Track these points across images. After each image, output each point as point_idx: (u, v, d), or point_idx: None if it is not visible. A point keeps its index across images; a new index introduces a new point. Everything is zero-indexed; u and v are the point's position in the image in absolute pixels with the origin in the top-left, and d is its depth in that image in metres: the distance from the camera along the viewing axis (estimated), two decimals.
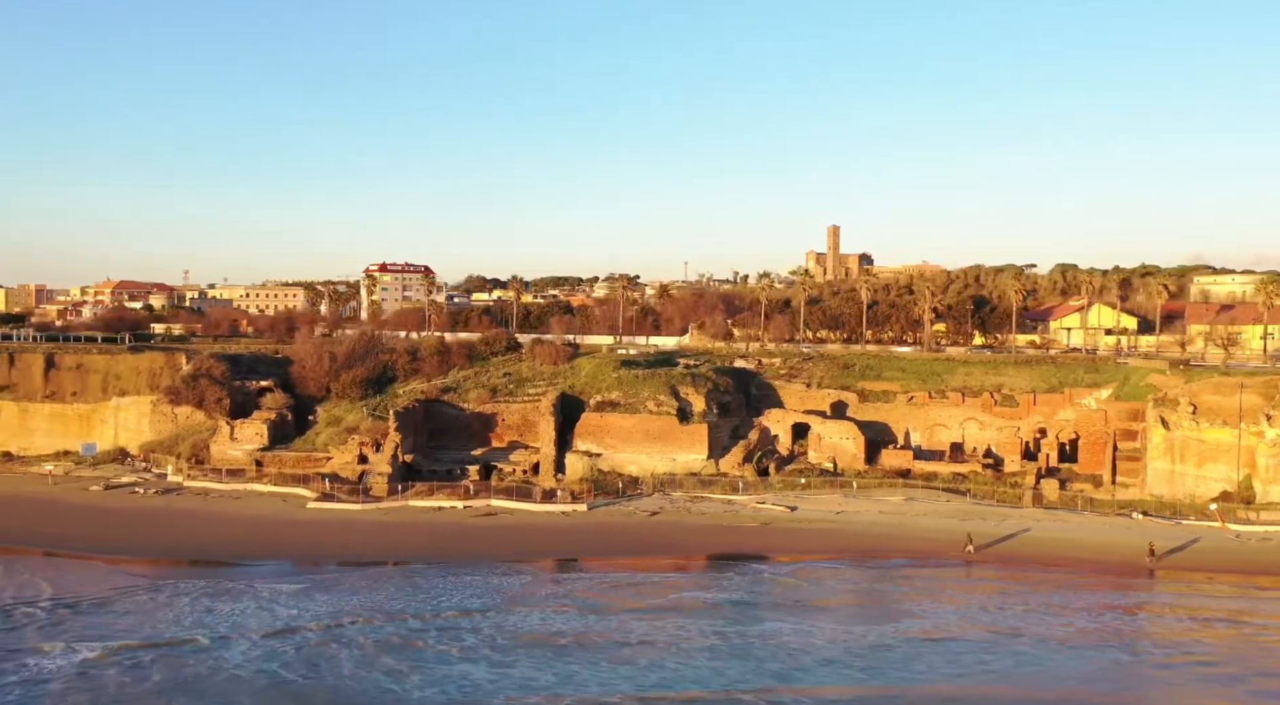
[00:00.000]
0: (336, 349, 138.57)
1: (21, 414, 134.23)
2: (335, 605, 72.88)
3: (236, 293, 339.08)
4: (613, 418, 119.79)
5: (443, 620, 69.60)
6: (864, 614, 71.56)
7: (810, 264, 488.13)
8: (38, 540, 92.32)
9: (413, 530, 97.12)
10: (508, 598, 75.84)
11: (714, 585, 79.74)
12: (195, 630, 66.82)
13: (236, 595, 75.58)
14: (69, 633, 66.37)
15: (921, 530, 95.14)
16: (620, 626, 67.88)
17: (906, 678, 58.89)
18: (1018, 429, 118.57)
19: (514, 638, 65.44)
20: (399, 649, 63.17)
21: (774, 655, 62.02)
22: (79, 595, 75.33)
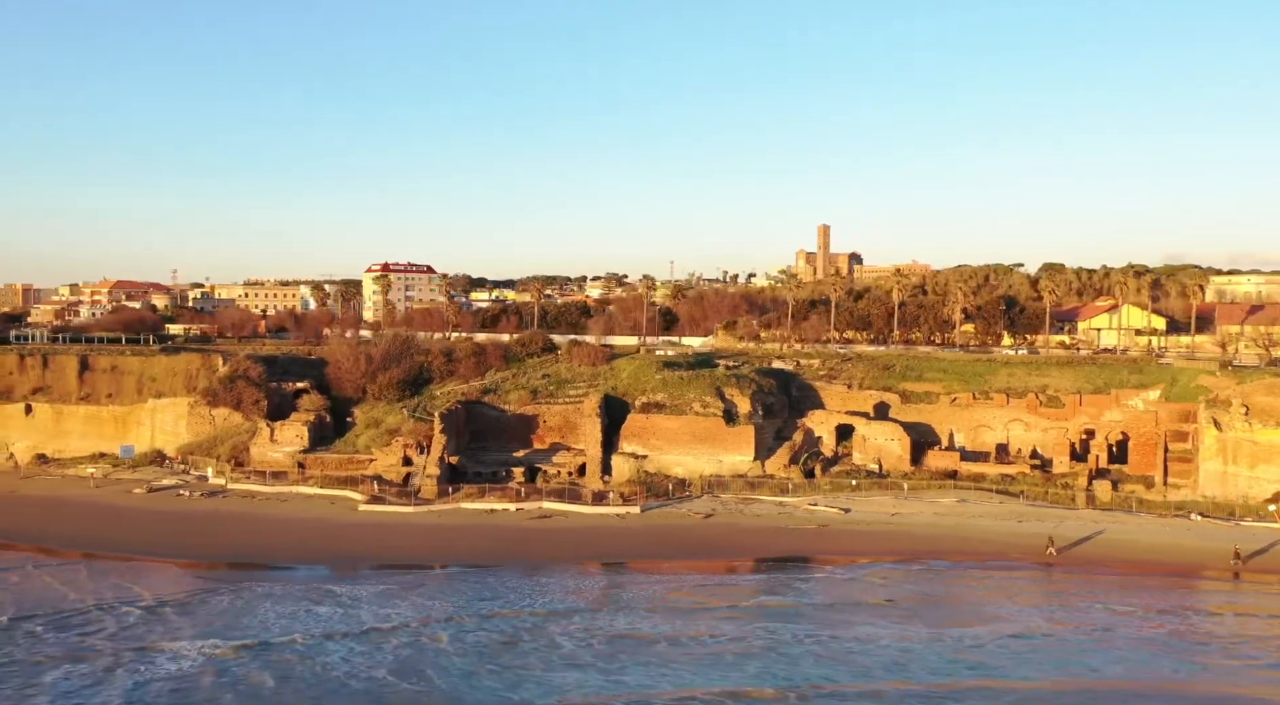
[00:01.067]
0: (372, 350, 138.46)
1: (56, 416, 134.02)
2: (419, 609, 73.15)
3: (236, 292, 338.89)
4: (658, 419, 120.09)
5: (532, 623, 69.97)
6: (953, 616, 71.84)
7: (800, 263, 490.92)
8: (105, 544, 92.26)
9: (472, 533, 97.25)
10: (589, 600, 76.39)
11: (790, 588, 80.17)
12: (293, 632, 67.48)
13: (317, 598, 75.94)
14: (183, 632, 67.55)
15: (981, 532, 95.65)
16: (711, 629, 68.36)
17: (1017, 675, 59.64)
18: (1065, 430, 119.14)
19: (609, 641, 65.86)
20: (500, 653, 63.57)
21: (877, 658, 62.56)
22: (168, 597, 76.12)
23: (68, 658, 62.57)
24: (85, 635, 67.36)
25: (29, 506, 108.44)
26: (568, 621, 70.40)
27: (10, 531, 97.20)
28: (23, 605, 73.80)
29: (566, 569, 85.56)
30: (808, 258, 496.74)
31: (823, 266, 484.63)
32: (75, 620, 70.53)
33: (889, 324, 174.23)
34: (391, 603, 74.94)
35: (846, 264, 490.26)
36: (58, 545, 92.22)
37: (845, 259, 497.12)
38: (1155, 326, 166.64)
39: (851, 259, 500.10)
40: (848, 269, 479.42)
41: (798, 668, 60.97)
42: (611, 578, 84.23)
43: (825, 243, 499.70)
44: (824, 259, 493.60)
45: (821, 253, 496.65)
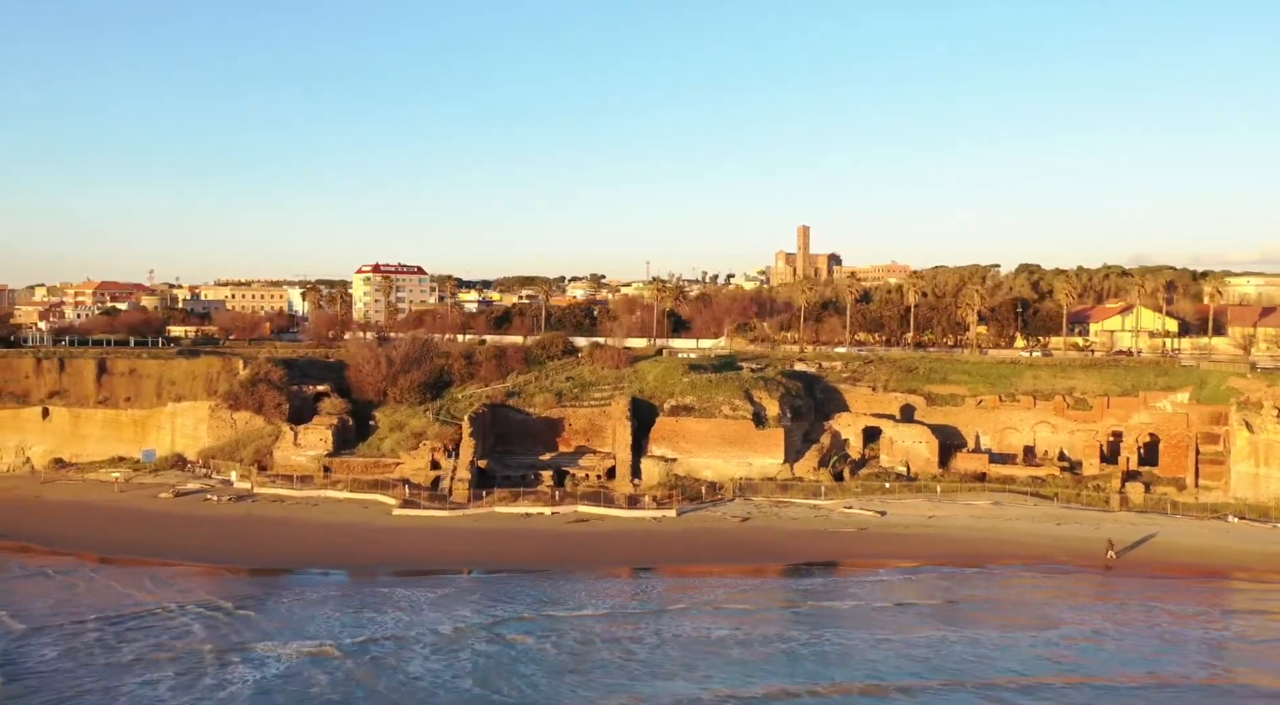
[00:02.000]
0: (392, 353, 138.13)
1: (74, 420, 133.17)
2: (482, 613, 73.37)
3: (223, 293, 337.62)
4: (688, 422, 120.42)
5: (600, 628, 70.21)
6: (1020, 621, 72.45)
7: (780, 264, 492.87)
8: (149, 549, 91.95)
9: (512, 537, 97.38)
10: (649, 604, 76.64)
11: (846, 592, 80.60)
12: (364, 636, 67.95)
13: (376, 603, 76.26)
14: (272, 634, 68.51)
15: (1022, 535, 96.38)
16: (781, 634, 68.68)
17: (1100, 672, 60.89)
18: (1095, 432, 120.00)
19: (684, 646, 66.15)
20: (578, 659, 63.82)
21: (958, 662, 63.14)
22: (236, 600, 76.71)
23: (175, 659, 63.53)
24: (178, 637, 68.11)
25: (59, 511, 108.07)
26: (634, 626, 70.84)
27: (49, 536, 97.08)
28: (104, 609, 74.12)
29: (615, 573, 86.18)
30: (787, 258, 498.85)
31: (802, 267, 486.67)
32: (161, 622, 71.38)
33: (901, 326, 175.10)
34: (452, 607, 75.20)
35: (826, 265, 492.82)
36: (102, 551, 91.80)
37: (825, 260, 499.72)
38: (1169, 328, 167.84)
39: (831, 260, 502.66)
40: (827, 270, 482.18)
41: (879, 667, 61.76)
42: (663, 581, 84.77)
43: (805, 243, 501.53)
44: (804, 260, 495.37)
45: (801, 254, 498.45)
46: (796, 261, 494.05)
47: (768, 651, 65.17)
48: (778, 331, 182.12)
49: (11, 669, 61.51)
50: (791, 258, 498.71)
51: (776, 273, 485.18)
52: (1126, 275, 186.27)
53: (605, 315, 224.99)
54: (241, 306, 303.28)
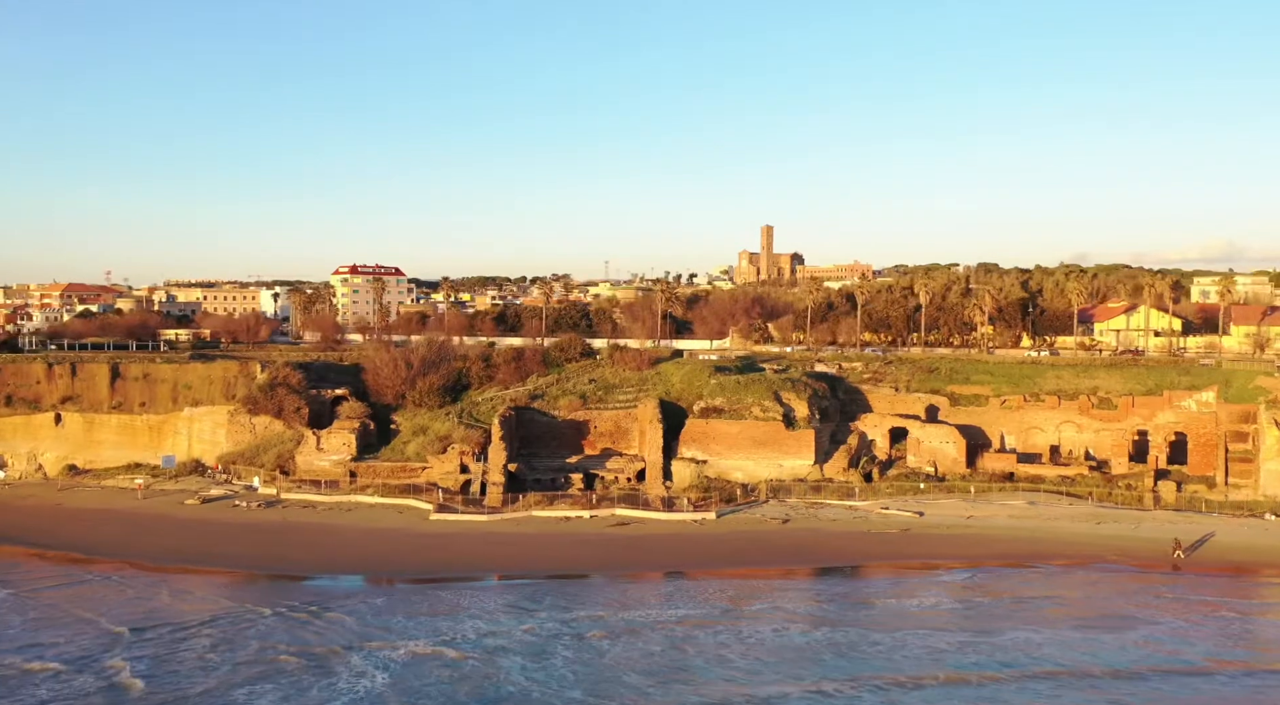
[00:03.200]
0: (411, 356, 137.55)
1: (87, 426, 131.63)
2: (559, 619, 73.61)
3: (194, 294, 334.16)
4: (718, 424, 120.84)
5: (680, 631, 70.73)
6: (1097, 621, 73.65)
7: (743, 263, 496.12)
8: (199, 558, 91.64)
9: (559, 541, 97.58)
10: (721, 607, 76.84)
11: (913, 594, 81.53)
12: (458, 638, 69.24)
13: (448, 609, 76.84)
14: (367, 636, 70.11)
15: (1067, 535, 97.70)
16: (865, 638, 69.50)
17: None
18: (1122, 431, 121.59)
19: (773, 649, 67.03)
20: (674, 665, 64.41)
21: (1058, 660, 64.41)
22: (310, 605, 77.43)
23: (298, 657, 65.88)
24: (317, 634, 70.66)
25: (88, 519, 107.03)
26: (712, 628, 71.47)
27: (89, 544, 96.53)
28: (190, 614, 75.33)
29: (672, 576, 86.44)
30: (750, 258, 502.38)
31: (766, 267, 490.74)
32: (254, 627, 72.40)
33: (907, 326, 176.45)
34: (526, 612, 75.61)
35: (789, 264, 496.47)
36: (153, 559, 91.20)
37: (787, 259, 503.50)
38: (1174, 328, 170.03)
39: (794, 259, 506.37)
40: (790, 269, 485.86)
41: (989, 659, 63.07)
42: (723, 584, 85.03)
43: (769, 243, 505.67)
44: (767, 259, 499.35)
45: (765, 253, 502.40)
46: (760, 261, 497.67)
47: (860, 654, 65.96)
48: (782, 332, 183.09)
49: (142, 667, 63.50)
50: (755, 257, 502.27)
51: (740, 272, 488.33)
52: (1150, 275, 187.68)
53: (600, 317, 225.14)
54: (214, 308, 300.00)
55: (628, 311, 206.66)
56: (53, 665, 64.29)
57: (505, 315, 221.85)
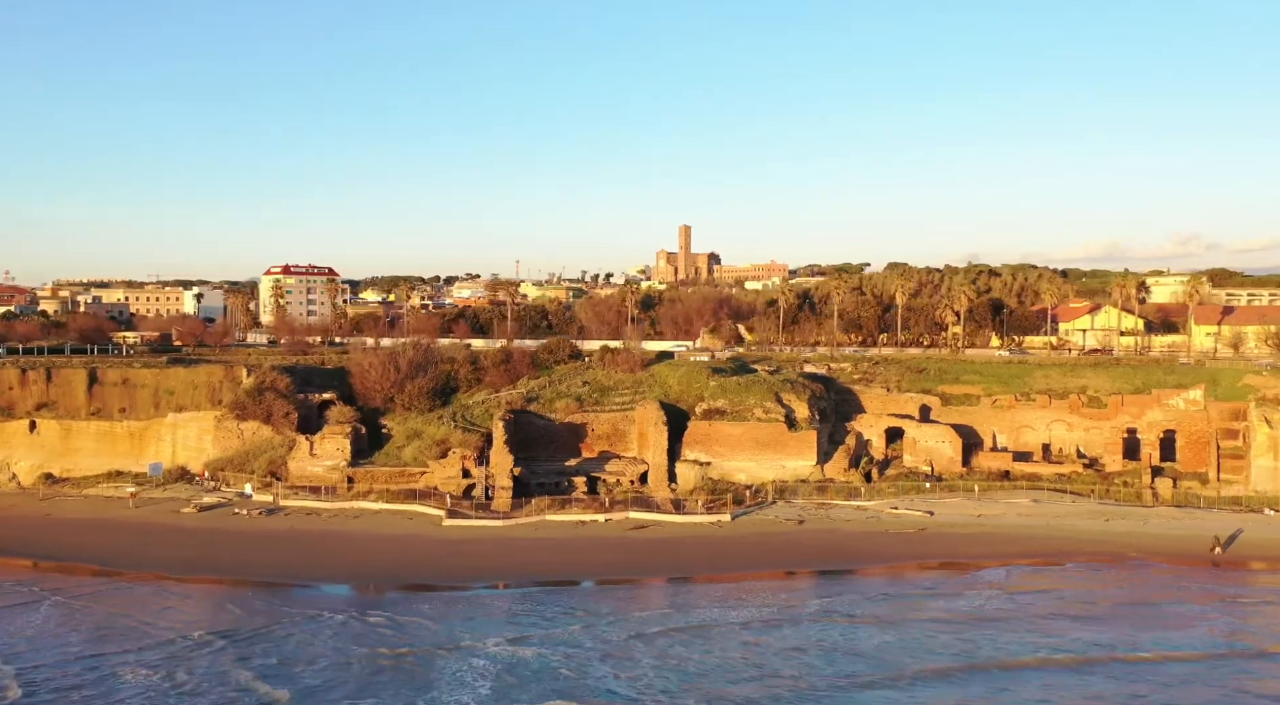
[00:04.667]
0: (400, 359, 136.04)
1: (64, 433, 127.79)
2: (621, 624, 74.07)
3: (116, 295, 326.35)
4: (721, 426, 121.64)
5: (748, 635, 71.68)
6: (1147, 620, 75.93)
7: (661, 263, 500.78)
8: (221, 568, 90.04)
9: (583, 545, 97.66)
10: (776, 609, 77.83)
11: (959, 593, 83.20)
12: (537, 641, 69.80)
13: (509, 614, 77.39)
14: (457, 637, 71.57)
15: (1082, 533, 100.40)
16: (928, 641, 70.84)
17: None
18: (1115, 429, 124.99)
19: (855, 654, 67.84)
20: (762, 668, 65.06)
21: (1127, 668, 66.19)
22: (376, 611, 77.98)
23: (400, 657, 67.79)
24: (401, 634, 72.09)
25: (83, 530, 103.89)
26: (778, 631, 72.53)
27: (100, 556, 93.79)
28: (261, 619, 75.42)
29: (713, 578, 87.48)
30: (668, 257, 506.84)
31: (684, 266, 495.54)
32: (335, 630, 73.47)
33: (878, 326, 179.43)
34: (585, 617, 76.02)
35: (706, 264, 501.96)
36: (173, 571, 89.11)
37: (705, 259, 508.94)
38: (1138, 327, 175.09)
39: (711, 259, 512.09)
40: (707, 269, 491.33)
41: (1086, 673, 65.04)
42: (766, 585, 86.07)
43: (686, 243, 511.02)
44: (685, 259, 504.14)
45: (683, 253, 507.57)
46: (678, 260, 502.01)
47: (946, 655, 67.78)
48: (756, 334, 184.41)
49: (266, 668, 65.02)
50: (673, 256, 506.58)
51: (658, 271, 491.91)
52: (1122, 278, 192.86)
53: (559, 318, 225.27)
54: (142, 310, 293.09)
55: (593, 313, 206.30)
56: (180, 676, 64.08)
57: (465, 316, 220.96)
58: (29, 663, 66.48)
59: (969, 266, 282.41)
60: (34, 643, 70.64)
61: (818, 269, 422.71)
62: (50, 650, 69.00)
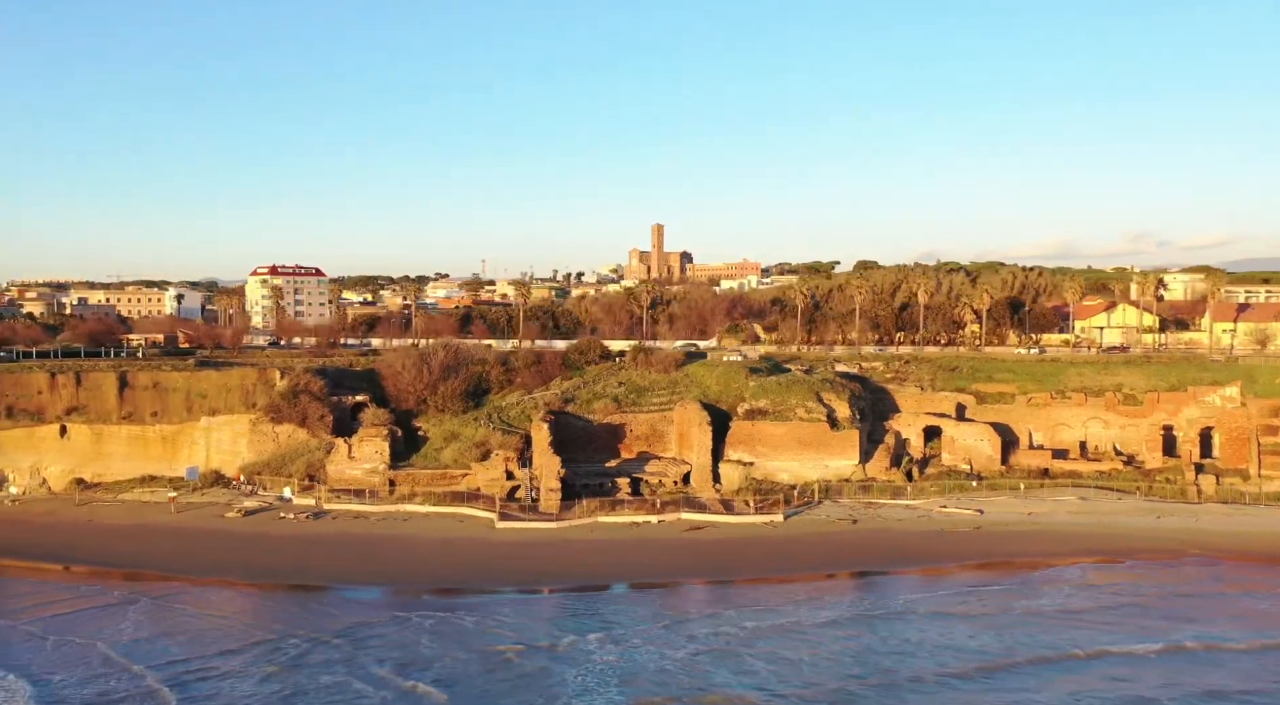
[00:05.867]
0: (432, 361, 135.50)
1: (95, 438, 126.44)
2: (718, 628, 74.23)
3: (97, 296, 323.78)
4: (764, 425, 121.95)
5: (843, 634, 72.24)
6: (1232, 614, 76.98)
7: (633, 262, 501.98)
8: (284, 574, 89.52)
9: (645, 546, 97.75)
10: (863, 609, 78.42)
11: (1038, 591, 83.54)
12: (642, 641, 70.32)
13: (601, 617, 77.09)
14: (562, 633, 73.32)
15: (1136, 530, 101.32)
16: (1028, 635, 71.78)
17: None
18: (1153, 427, 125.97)
19: (958, 652, 68.45)
20: (868, 666, 65.78)
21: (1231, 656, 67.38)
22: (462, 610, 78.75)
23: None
24: (502, 632, 73.63)
25: (131, 536, 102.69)
26: (877, 629, 73.52)
27: (153, 561, 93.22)
28: (373, 624, 75.84)
29: (789, 579, 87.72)
30: (640, 256, 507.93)
31: (657, 265, 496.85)
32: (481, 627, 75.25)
33: (895, 324, 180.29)
34: (679, 620, 76.29)
35: (679, 262, 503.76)
36: (244, 576, 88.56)
37: (677, 258, 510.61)
38: (1153, 325, 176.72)
39: (683, 257, 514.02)
40: (679, 268, 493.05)
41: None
42: (840, 584, 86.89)
43: (659, 242, 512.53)
44: (658, 258, 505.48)
45: (655, 252, 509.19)
46: (651, 259, 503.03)
47: (1052, 647, 69.29)
48: (768, 332, 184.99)
49: (399, 668, 65.97)
50: (645, 255, 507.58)
51: (630, 270, 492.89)
52: (1141, 275, 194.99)
53: (566, 317, 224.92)
54: (127, 312, 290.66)
55: (606, 312, 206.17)
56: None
57: (470, 316, 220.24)
58: (155, 661, 67.28)
59: (971, 264, 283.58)
60: (146, 644, 70.99)
61: (789, 268, 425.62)
62: (164, 651, 69.45)
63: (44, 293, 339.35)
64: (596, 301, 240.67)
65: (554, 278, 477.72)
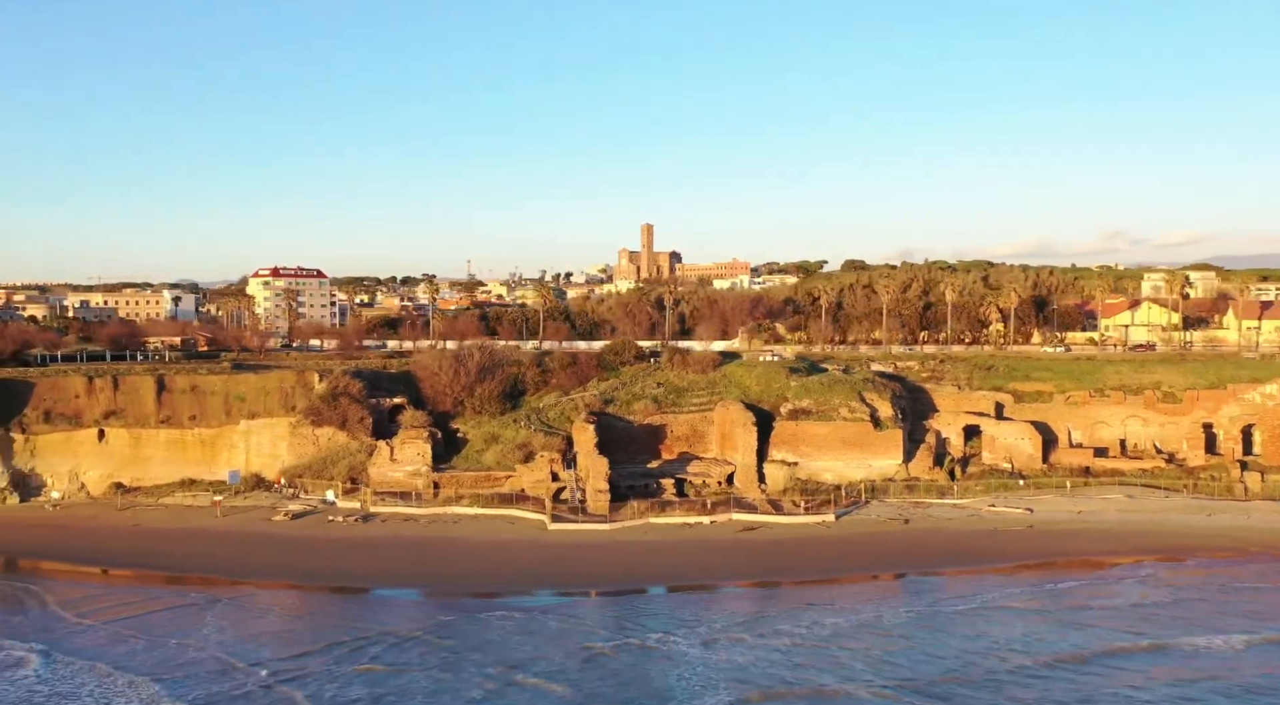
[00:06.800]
0: (469, 363, 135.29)
1: (134, 441, 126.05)
2: (809, 627, 74.49)
3: (95, 299, 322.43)
4: (808, 425, 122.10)
5: (932, 627, 72.26)
6: None
7: (623, 262, 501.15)
8: (358, 578, 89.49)
9: (707, 547, 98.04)
10: (942, 607, 78.72)
11: (1114, 589, 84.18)
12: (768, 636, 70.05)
13: (682, 619, 76.68)
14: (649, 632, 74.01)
15: (1193, 528, 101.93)
16: (1136, 635, 71.88)
17: None
18: (1193, 424, 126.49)
19: (1084, 660, 68.07)
20: (975, 651, 67.32)
21: None
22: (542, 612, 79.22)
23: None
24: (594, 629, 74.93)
25: (183, 540, 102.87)
26: (959, 625, 73.58)
27: (213, 566, 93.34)
28: (467, 622, 76.84)
29: (855, 579, 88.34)
30: (630, 256, 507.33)
31: (646, 265, 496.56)
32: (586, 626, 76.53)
33: (919, 323, 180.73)
34: (753, 616, 77.07)
35: (668, 262, 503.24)
36: (325, 580, 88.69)
37: (666, 257, 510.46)
38: (1176, 323, 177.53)
39: (672, 257, 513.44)
40: (669, 267, 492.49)
41: None
42: (913, 584, 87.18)
43: (649, 241, 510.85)
44: (648, 258, 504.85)
45: (645, 251, 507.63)
46: (641, 259, 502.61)
47: (1153, 639, 70.40)
48: (792, 332, 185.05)
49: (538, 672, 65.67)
50: (635, 255, 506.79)
51: (620, 270, 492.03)
52: (1169, 273, 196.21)
53: (583, 318, 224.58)
54: (128, 314, 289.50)
55: (626, 313, 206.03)
56: None
57: (487, 317, 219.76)
58: (263, 658, 68.18)
59: (975, 262, 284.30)
60: (241, 644, 71.39)
61: (777, 267, 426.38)
62: (257, 651, 69.89)
63: (32, 295, 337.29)
64: (611, 301, 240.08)
65: (542, 278, 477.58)
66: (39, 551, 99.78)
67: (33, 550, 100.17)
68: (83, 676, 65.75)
